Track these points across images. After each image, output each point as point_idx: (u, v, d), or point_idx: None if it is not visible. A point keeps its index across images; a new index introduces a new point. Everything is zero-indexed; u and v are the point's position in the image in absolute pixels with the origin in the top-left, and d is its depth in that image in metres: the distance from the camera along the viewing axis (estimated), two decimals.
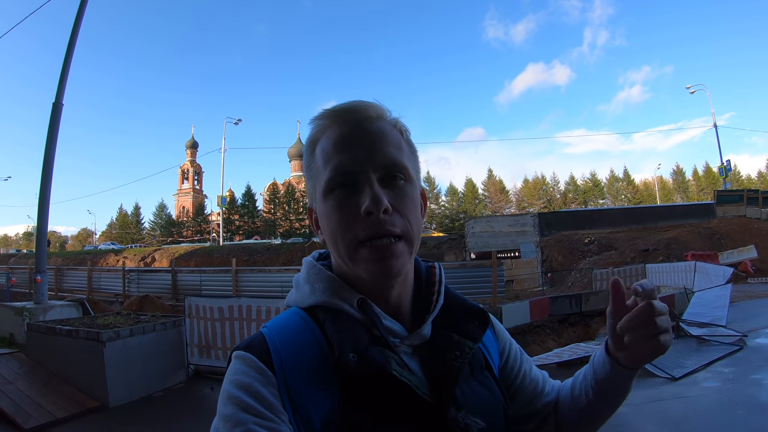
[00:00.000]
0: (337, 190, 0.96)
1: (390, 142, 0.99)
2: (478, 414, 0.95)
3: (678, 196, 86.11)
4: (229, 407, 0.83)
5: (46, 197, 13.72)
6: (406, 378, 0.90)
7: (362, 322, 0.97)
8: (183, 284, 20.08)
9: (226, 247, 48.55)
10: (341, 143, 0.97)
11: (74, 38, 14.44)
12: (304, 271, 1.10)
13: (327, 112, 1.03)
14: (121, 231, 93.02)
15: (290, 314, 1.03)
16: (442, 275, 1.14)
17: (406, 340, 1.01)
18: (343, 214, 0.94)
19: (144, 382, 8.55)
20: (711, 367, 8.35)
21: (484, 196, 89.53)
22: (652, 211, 43.58)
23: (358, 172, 0.95)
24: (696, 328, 10.82)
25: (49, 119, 13.84)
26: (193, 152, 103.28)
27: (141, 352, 8.61)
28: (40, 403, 7.72)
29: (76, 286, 24.39)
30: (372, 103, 1.03)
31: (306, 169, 1.07)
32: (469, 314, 1.09)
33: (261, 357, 0.89)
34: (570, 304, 17.37)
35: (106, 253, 55.06)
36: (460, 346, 1.01)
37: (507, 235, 34.71)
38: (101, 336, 8.11)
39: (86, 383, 8.24)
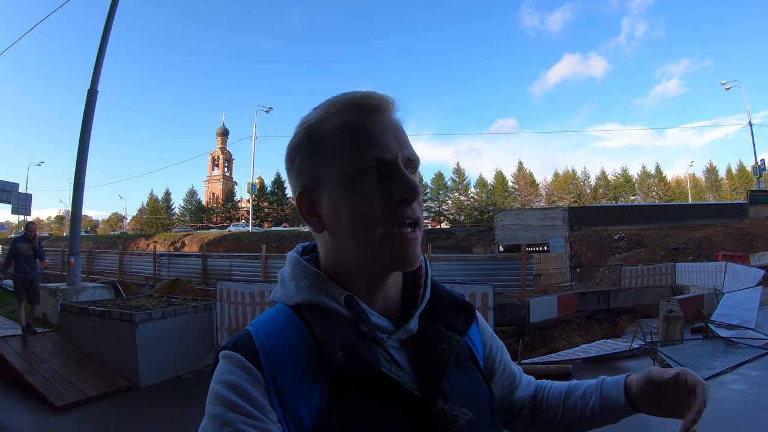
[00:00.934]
0: (369, 176, 0.94)
1: (408, 137, 1.01)
2: (465, 405, 0.96)
3: (710, 195, 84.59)
4: (217, 407, 0.83)
5: (80, 182, 13.97)
6: (395, 374, 0.90)
7: (349, 318, 0.96)
8: (213, 269, 20.26)
9: (255, 234, 48.68)
10: (373, 130, 0.96)
11: (109, 25, 14.62)
12: (289, 267, 1.08)
13: (341, 98, 1.01)
14: (151, 216, 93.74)
15: (277, 311, 1.02)
16: (428, 269, 1.13)
17: (393, 335, 1.01)
18: (376, 200, 0.93)
19: (174, 364, 8.69)
20: (738, 370, 8.12)
21: (513, 188, 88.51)
22: (684, 209, 43.04)
23: (391, 161, 0.94)
24: (724, 330, 10.66)
25: (85, 105, 14.06)
26: (223, 139, 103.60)
27: (172, 334, 8.77)
28: (72, 382, 7.88)
29: (107, 269, 24.74)
30: (389, 97, 1.03)
31: (306, 153, 1.02)
32: (456, 307, 1.10)
33: (248, 356, 0.89)
34: (598, 301, 17.30)
35: (137, 238, 55.63)
36: (447, 339, 1.02)
37: (536, 229, 34.51)
38: (134, 317, 8.27)
39: (117, 363, 8.41)
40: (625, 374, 1.16)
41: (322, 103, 1.03)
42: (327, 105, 1.01)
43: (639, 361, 9.25)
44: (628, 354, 9.64)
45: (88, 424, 6.85)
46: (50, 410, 7.07)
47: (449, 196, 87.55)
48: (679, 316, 10.45)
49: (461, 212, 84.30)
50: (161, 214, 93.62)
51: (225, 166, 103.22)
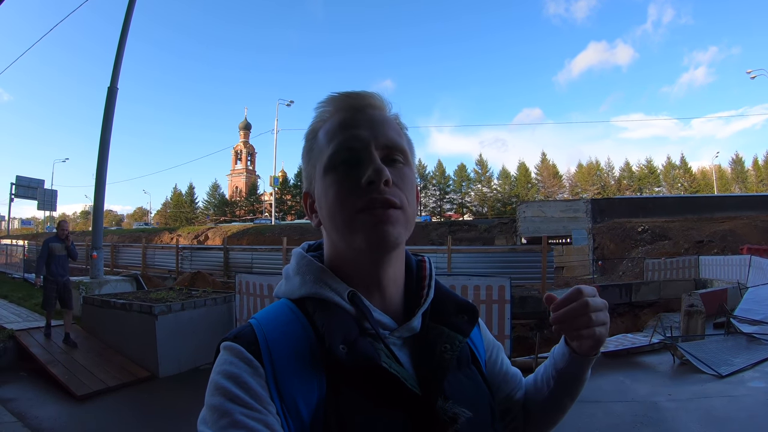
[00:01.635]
0: (340, 165, 0.97)
1: (392, 128, 1.02)
2: (465, 405, 0.96)
3: (736, 186, 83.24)
4: (216, 397, 0.83)
5: (102, 178, 14.11)
6: (394, 370, 0.90)
7: (352, 314, 0.96)
8: (235, 262, 20.38)
9: (278, 227, 48.86)
10: (346, 123, 1.00)
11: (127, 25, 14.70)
12: (294, 263, 1.09)
13: (330, 99, 1.06)
14: (175, 210, 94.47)
15: (280, 306, 1.03)
16: (432, 269, 1.15)
17: (395, 332, 1.01)
18: (344, 185, 0.95)
19: (193, 355, 8.79)
20: (759, 367, 8.10)
21: (537, 180, 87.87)
22: (709, 201, 42.24)
23: (361, 148, 0.96)
24: (747, 326, 10.58)
25: (105, 103, 14.16)
26: (246, 133, 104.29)
27: (191, 326, 8.89)
28: (93, 372, 8.06)
29: (130, 263, 24.99)
30: (375, 94, 1.06)
31: (306, 153, 1.08)
32: (459, 309, 1.10)
33: (249, 348, 0.89)
34: (620, 294, 17.23)
35: (161, 231, 56.01)
36: (450, 339, 1.02)
37: (559, 221, 34.44)
38: (154, 309, 8.39)
39: (138, 354, 8.58)
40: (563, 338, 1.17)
41: (317, 106, 1.07)
42: (319, 109, 1.06)
43: (658, 356, 9.20)
44: (648, 349, 9.58)
45: (107, 412, 6.96)
46: (71, 399, 7.22)
47: (472, 188, 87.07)
48: (700, 311, 10.36)
49: (484, 204, 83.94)
50: (185, 208, 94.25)
51: (248, 160, 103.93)
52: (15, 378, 8.21)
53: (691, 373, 7.90)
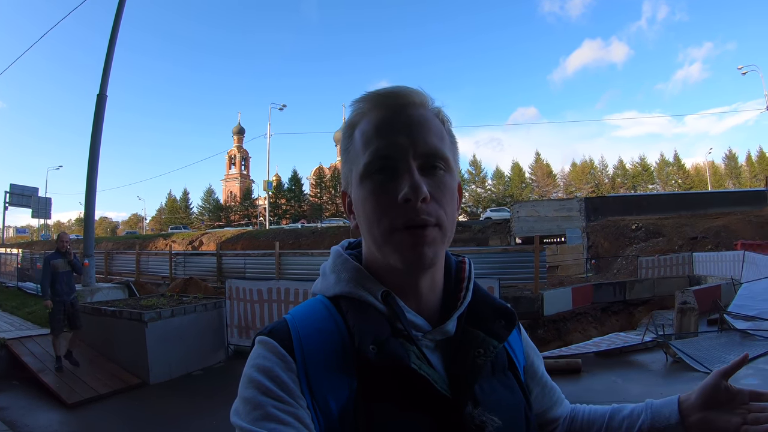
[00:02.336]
0: (376, 175, 0.94)
1: (432, 131, 0.97)
2: (496, 413, 0.94)
3: (730, 182, 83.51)
4: (250, 390, 0.85)
5: (92, 185, 14.14)
6: (424, 371, 0.89)
7: (385, 314, 0.96)
8: (228, 267, 20.38)
9: (272, 231, 48.86)
10: (383, 128, 0.96)
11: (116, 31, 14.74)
12: (331, 260, 1.10)
13: (368, 96, 1.01)
14: (170, 216, 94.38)
15: (314, 302, 1.03)
16: (471, 271, 1.13)
17: (428, 335, 0.99)
18: (380, 199, 0.93)
19: (184, 361, 8.83)
20: (753, 364, 7.89)
21: (531, 179, 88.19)
22: (702, 198, 42.45)
23: (398, 158, 0.93)
24: (741, 321, 10.52)
25: (94, 110, 14.19)
26: (239, 138, 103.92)
27: (182, 332, 8.90)
28: (84, 380, 8.09)
29: (124, 269, 25.02)
30: (415, 90, 1.01)
31: (343, 152, 1.06)
32: (497, 313, 1.07)
33: (282, 342, 0.90)
34: (614, 292, 17.31)
35: (155, 237, 56.12)
36: (484, 344, 1.00)
37: (552, 220, 34.60)
38: (143, 316, 8.41)
39: (129, 361, 8.59)
40: (677, 395, 1.13)
41: (354, 101, 1.03)
42: (357, 104, 1.02)
43: (651, 354, 9.16)
44: (641, 347, 9.55)
45: (98, 420, 6.99)
46: (62, 407, 7.25)
47: (466, 188, 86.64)
48: (693, 308, 10.37)
49: (478, 204, 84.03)
50: (180, 213, 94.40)
51: (242, 165, 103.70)
52: (7, 386, 8.25)
53: (684, 372, 7.86)
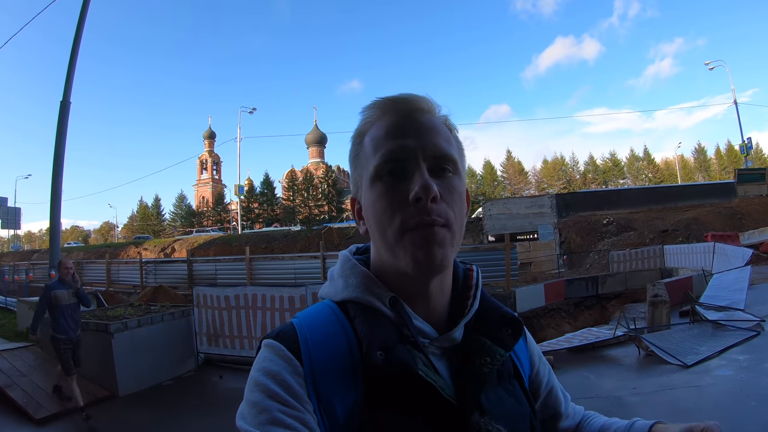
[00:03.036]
0: (386, 176, 0.95)
1: (440, 135, 0.98)
2: (502, 421, 0.94)
3: (699, 175, 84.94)
4: (256, 393, 0.85)
5: (57, 194, 13.85)
6: (431, 378, 0.89)
7: (393, 320, 0.96)
8: (199, 274, 20.34)
9: (245, 236, 48.65)
10: (392, 131, 0.96)
11: (79, 36, 14.44)
12: (339, 265, 1.09)
13: (377, 103, 1.02)
14: (142, 223, 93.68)
15: (322, 307, 1.03)
16: (479, 279, 1.12)
17: (435, 342, 0.99)
18: (391, 200, 0.93)
19: (153, 372, 8.73)
20: (725, 354, 8.14)
21: (503, 177, 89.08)
22: (672, 191, 43.22)
23: (408, 159, 0.94)
24: (713, 312, 10.67)
25: (58, 117, 13.94)
26: (210, 142, 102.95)
27: (149, 343, 8.80)
28: (52, 395, 7.95)
29: (95, 279, 24.78)
30: (424, 97, 1.02)
31: (353, 159, 1.06)
32: (503, 321, 1.07)
33: (290, 346, 0.90)
34: (586, 287, 17.45)
35: (127, 246, 55.54)
36: (491, 352, 0.99)
37: (524, 217, 34.88)
38: (109, 327, 8.32)
39: (97, 374, 8.45)
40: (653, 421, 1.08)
41: (364, 109, 1.04)
42: (366, 111, 1.03)
43: (624, 348, 9.26)
44: (613, 342, 9.65)
45: None
46: (30, 423, 7.16)
47: None
48: (664, 301, 10.46)
49: None
50: (152, 220, 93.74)
51: (213, 169, 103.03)
52: None
53: (657, 365, 7.93)
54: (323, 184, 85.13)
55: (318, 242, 22.69)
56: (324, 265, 16.97)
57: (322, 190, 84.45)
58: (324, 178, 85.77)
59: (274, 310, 8.91)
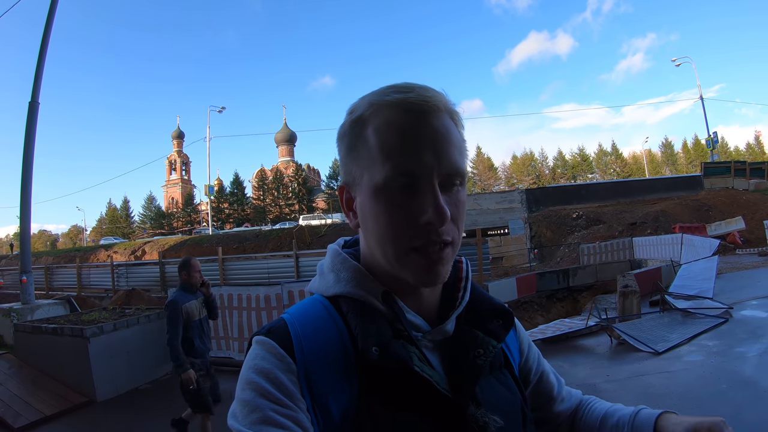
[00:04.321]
0: (395, 190, 0.89)
1: (455, 145, 0.93)
2: (497, 412, 0.94)
3: (667, 169, 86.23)
4: (248, 392, 0.83)
5: (27, 198, 13.73)
6: (427, 374, 0.89)
7: (385, 314, 0.95)
8: (172, 276, 20.01)
9: (216, 236, 48.31)
10: (407, 139, 0.89)
11: (47, 37, 14.34)
12: (329, 259, 1.08)
13: (385, 90, 0.94)
14: (111, 226, 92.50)
15: (313, 302, 1.01)
16: (468, 271, 1.11)
17: (428, 335, 0.99)
18: (399, 217, 0.89)
19: (131, 376, 8.66)
20: (695, 341, 8.31)
21: (472, 173, 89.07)
22: (640, 185, 43.78)
23: (423, 176, 0.88)
24: (682, 301, 10.83)
25: (26, 119, 13.80)
26: (179, 142, 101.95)
27: (126, 346, 8.73)
28: (29, 402, 7.84)
29: (66, 284, 24.50)
30: (437, 92, 0.96)
31: (347, 149, 0.98)
32: (494, 313, 1.07)
33: (282, 343, 0.88)
34: (557, 280, 17.57)
35: (97, 249, 54.80)
36: (483, 344, 0.99)
37: (495, 213, 35.08)
38: (85, 332, 8.21)
39: (73, 380, 8.37)
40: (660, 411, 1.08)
41: (370, 93, 0.97)
42: (371, 98, 0.95)
43: (596, 338, 9.38)
44: (586, 332, 9.76)
45: None
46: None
47: None
48: (634, 291, 10.61)
49: None
50: (121, 223, 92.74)
51: (183, 170, 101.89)
52: None
53: (629, 353, 8.07)
54: (293, 183, 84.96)
55: (290, 241, 22.55)
56: (297, 263, 16.90)
57: (293, 188, 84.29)
58: (294, 177, 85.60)
59: (251, 310, 8.92)
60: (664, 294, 11.19)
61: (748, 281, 13.80)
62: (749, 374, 6.55)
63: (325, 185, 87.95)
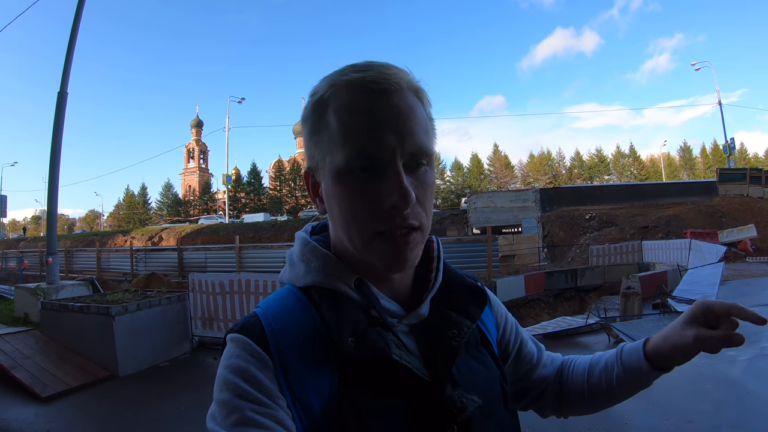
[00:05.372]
0: (357, 173, 0.86)
1: (419, 124, 0.88)
2: (475, 391, 0.94)
3: (684, 173, 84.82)
4: (225, 393, 0.82)
5: (54, 183, 14.04)
6: (405, 361, 0.88)
7: (359, 302, 0.93)
8: (189, 262, 20.55)
9: (232, 225, 48.48)
10: (367, 120, 0.85)
11: (76, 27, 14.64)
12: (298, 248, 1.05)
13: (346, 70, 0.90)
14: (128, 212, 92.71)
15: (285, 293, 0.99)
16: (440, 251, 1.11)
17: (403, 320, 0.98)
18: (362, 201, 0.87)
19: (151, 353, 9.00)
20: None
21: (489, 171, 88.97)
22: (654, 188, 43.44)
23: (386, 159, 0.85)
24: (684, 305, 11.03)
25: (55, 108, 14.08)
26: (198, 131, 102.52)
27: (148, 326, 9.05)
28: (56, 374, 8.17)
29: (85, 267, 24.99)
30: (399, 69, 0.91)
31: (311, 131, 0.95)
32: (468, 292, 1.07)
33: (256, 339, 0.87)
34: (566, 279, 17.73)
35: (114, 234, 55.12)
36: (458, 324, 0.99)
37: (509, 211, 35.07)
38: (110, 311, 8.54)
39: (97, 355, 8.72)
40: (643, 339, 1.15)
41: (329, 74, 0.93)
42: (331, 78, 0.92)
43: (595, 336, 9.62)
44: (586, 330, 10.02)
45: (72, 411, 7.14)
46: (36, 401, 7.36)
47: None
48: (636, 293, 10.88)
49: (438, 196, 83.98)
50: (138, 209, 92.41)
51: (201, 158, 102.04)
52: None
53: None
54: None
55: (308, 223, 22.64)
56: None
57: None
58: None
59: (266, 295, 8.90)
60: (666, 297, 11.43)
61: (752, 288, 13.88)
62: (736, 376, 6.81)
63: None
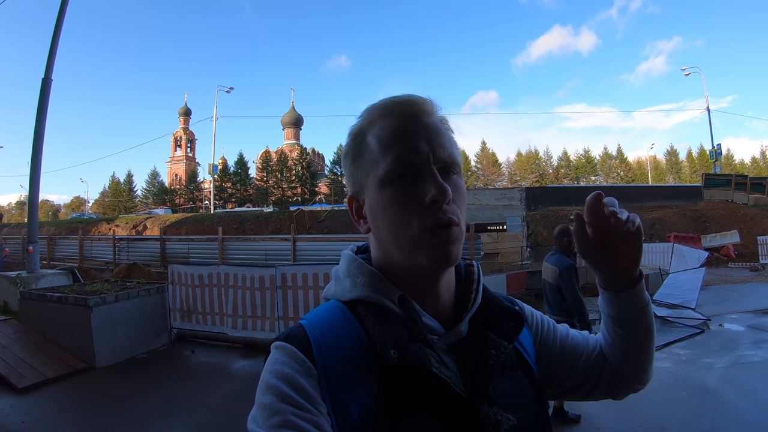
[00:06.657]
0: (398, 179, 0.94)
1: (446, 138, 0.99)
2: (510, 410, 0.96)
3: (670, 177, 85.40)
4: (268, 397, 0.84)
5: (36, 171, 13.96)
6: (444, 375, 0.91)
7: (402, 317, 0.96)
8: (171, 252, 20.43)
9: (217, 215, 48.07)
10: (402, 134, 0.96)
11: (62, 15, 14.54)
12: (345, 265, 1.09)
13: (380, 104, 1.02)
14: (113, 199, 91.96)
15: (330, 307, 1.03)
16: (480, 274, 1.14)
17: (443, 337, 1.00)
18: (406, 202, 0.94)
19: (129, 345, 9.01)
20: (668, 348, 8.62)
21: (476, 168, 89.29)
22: (640, 191, 43.72)
23: (421, 163, 0.94)
24: (664, 309, 11.12)
25: (39, 94, 13.96)
26: (186, 119, 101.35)
27: (126, 317, 9.05)
28: (33, 365, 8.14)
29: (68, 255, 24.82)
30: (426, 99, 1.02)
31: (353, 157, 1.04)
32: (505, 314, 1.09)
33: (302, 348, 0.91)
34: None
35: (98, 222, 54.59)
36: (495, 344, 1.01)
37: (494, 209, 34.95)
38: (88, 302, 8.53)
39: (75, 346, 8.70)
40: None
41: (364, 110, 1.04)
42: (367, 111, 1.03)
43: None
44: None
45: (48, 403, 7.11)
46: (12, 392, 7.33)
47: None
48: None
49: None
50: (123, 197, 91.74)
51: (188, 147, 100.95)
52: None
53: None
54: (297, 167, 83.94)
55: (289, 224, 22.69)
56: (294, 247, 17.15)
57: (296, 172, 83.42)
58: (298, 161, 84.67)
59: (245, 289, 9.13)
60: None
61: (733, 294, 14.09)
62: (712, 384, 6.89)
63: (329, 170, 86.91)
